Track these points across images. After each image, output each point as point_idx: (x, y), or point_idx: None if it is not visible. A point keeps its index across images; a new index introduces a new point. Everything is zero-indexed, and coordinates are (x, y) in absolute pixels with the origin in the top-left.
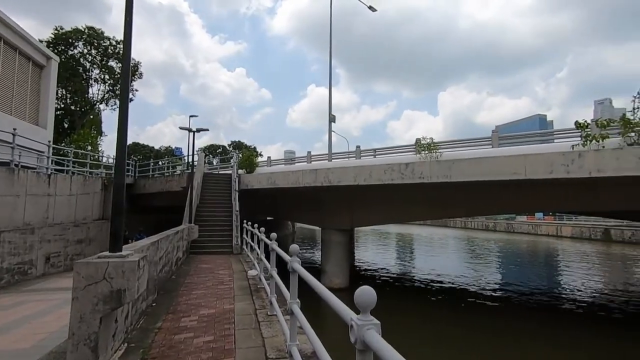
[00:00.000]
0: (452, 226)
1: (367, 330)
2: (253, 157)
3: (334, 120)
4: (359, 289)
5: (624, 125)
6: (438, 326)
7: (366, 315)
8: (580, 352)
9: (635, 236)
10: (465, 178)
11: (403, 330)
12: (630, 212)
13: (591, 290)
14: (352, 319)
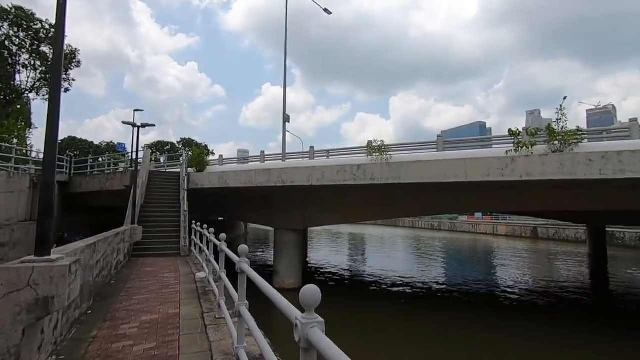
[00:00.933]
0: (401, 226)
1: (311, 329)
2: (204, 156)
3: (288, 120)
4: (304, 288)
5: (549, 134)
6: (389, 321)
7: (311, 313)
8: (511, 337)
9: (557, 234)
10: (413, 180)
11: (353, 327)
12: (554, 212)
13: (521, 282)
14: (297, 317)
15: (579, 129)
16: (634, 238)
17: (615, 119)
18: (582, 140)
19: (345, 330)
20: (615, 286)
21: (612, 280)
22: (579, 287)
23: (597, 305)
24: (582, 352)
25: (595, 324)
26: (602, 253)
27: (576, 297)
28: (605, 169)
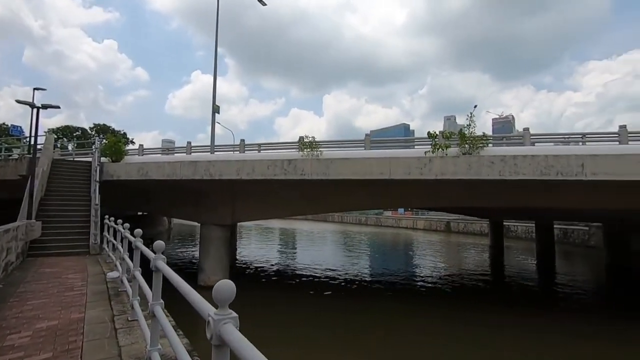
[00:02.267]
0: (330, 221)
1: (224, 325)
2: (121, 144)
3: (218, 110)
4: (217, 283)
5: (461, 138)
6: (318, 314)
7: (224, 309)
8: (429, 319)
9: (466, 227)
10: (341, 176)
11: (280, 321)
12: (463, 208)
13: (435, 270)
14: (210, 314)
15: (485, 135)
16: (524, 231)
17: (514, 127)
18: (487, 144)
19: (270, 324)
20: (508, 271)
21: (506, 266)
22: (480, 273)
23: (493, 286)
24: (480, 327)
25: (491, 302)
26: (500, 244)
27: (478, 281)
28: (504, 171)
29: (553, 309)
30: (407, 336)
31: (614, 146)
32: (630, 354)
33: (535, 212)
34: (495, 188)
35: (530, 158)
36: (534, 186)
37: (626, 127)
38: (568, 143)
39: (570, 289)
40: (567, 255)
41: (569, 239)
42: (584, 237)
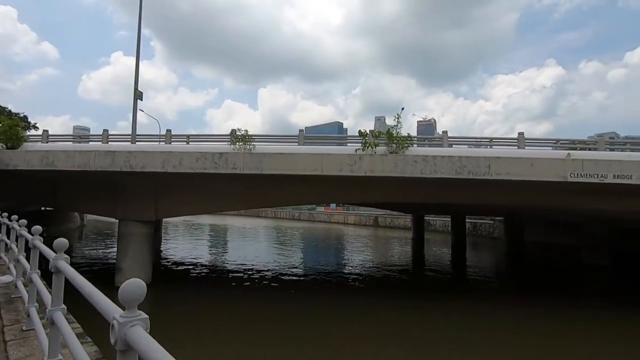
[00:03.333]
0: (263, 216)
1: (131, 328)
2: (18, 128)
3: (141, 97)
4: (124, 283)
5: (389, 138)
6: (248, 312)
7: (132, 311)
8: (357, 307)
9: (392, 222)
10: (274, 171)
11: (205, 320)
12: (389, 203)
13: (364, 262)
14: (115, 317)
15: (409, 136)
16: (442, 225)
17: (435, 130)
18: (412, 145)
19: (197, 323)
20: (427, 261)
21: (425, 256)
22: (403, 263)
23: (415, 273)
24: (403, 310)
25: (412, 288)
26: (421, 237)
27: (401, 271)
28: (425, 170)
29: (464, 289)
30: (340, 325)
31: (513, 150)
32: (524, 320)
33: (451, 208)
34: (417, 185)
35: (447, 158)
36: (450, 183)
37: (523, 134)
38: (479, 146)
39: (478, 273)
40: (476, 246)
41: (477, 231)
42: (490, 230)
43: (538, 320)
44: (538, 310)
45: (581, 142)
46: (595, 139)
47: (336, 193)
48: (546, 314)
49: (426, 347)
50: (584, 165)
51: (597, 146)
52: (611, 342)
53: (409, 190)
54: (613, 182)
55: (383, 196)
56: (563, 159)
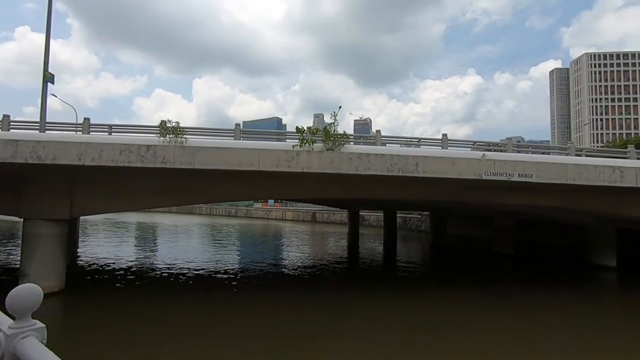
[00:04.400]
0: (197, 213)
1: (22, 340)
2: None
3: (51, 80)
4: (13, 290)
5: (325, 135)
6: (180, 314)
7: (24, 320)
8: (296, 301)
9: (330, 217)
10: (208, 166)
11: (131, 327)
12: (327, 199)
13: (302, 257)
14: (1, 328)
15: (345, 134)
16: (375, 219)
17: (371, 129)
18: (349, 142)
19: (111, 330)
20: (361, 254)
21: (360, 250)
22: (340, 257)
23: (350, 266)
24: (339, 301)
25: (348, 279)
26: (356, 231)
27: (338, 263)
28: (360, 166)
29: (394, 278)
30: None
31: (438, 150)
32: (446, 301)
33: (384, 203)
34: (353, 181)
35: (380, 156)
36: (383, 180)
37: (447, 136)
38: (409, 145)
39: (406, 264)
40: (406, 239)
41: (407, 225)
42: (418, 224)
43: (456, 301)
44: (454, 292)
45: (494, 144)
46: (505, 142)
47: (273, 189)
48: (461, 295)
49: (357, 334)
50: (496, 164)
51: (506, 148)
52: (516, 314)
53: (344, 186)
54: (518, 180)
55: (320, 192)
56: (479, 159)
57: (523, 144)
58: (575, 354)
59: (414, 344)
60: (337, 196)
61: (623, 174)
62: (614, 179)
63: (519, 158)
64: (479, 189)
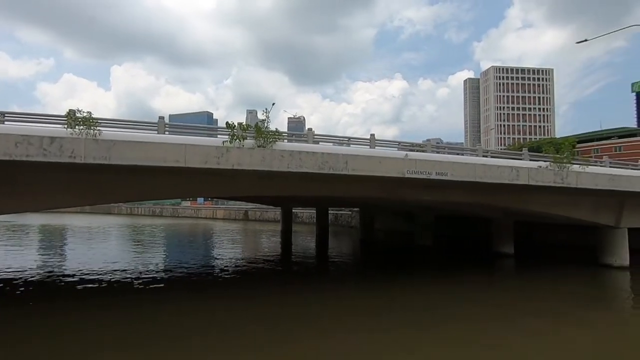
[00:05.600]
0: (116, 213)
1: None
2: None
3: None
4: None
5: (257, 132)
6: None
7: None
8: (229, 301)
9: (262, 215)
10: (127, 161)
11: (34, 344)
12: (259, 197)
13: (235, 256)
14: None
15: (277, 131)
16: (308, 216)
17: (304, 127)
18: (283, 140)
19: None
20: (294, 250)
21: (293, 247)
22: (273, 254)
23: (283, 263)
24: (271, 297)
25: (281, 275)
26: (289, 229)
27: (271, 260)
28: (291, 164)
29: (326, 272)
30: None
31: (366, 149)
32: (375, 291)
33: (316, 200)
34: (285, 178)
35: (311, 154)
36: (315, 178)
37: (374, 136)
38: (341, 144)
39: (338, 257)
40: (337, 234)
41: (338, 221)
42: (348, 220)
43: (381, 289)
44: (380, 282)
45: (417, 145)
46: (426, 143)
47: (202, 186)
48: (387, 283)
49: (289, 325)
50: (417, 164)
51: (425, 149)
52: (432, 294)
53: (276, 184)
54: (435, 178)
55: (251, 189)
56: (402, 158)
57: (441, 145)
58: (475, 320)
59: (338, 328)
60: (269, 193)
61: (519, 173)
62: (512, 177)
63: (436, 158)
64: (402, 186)
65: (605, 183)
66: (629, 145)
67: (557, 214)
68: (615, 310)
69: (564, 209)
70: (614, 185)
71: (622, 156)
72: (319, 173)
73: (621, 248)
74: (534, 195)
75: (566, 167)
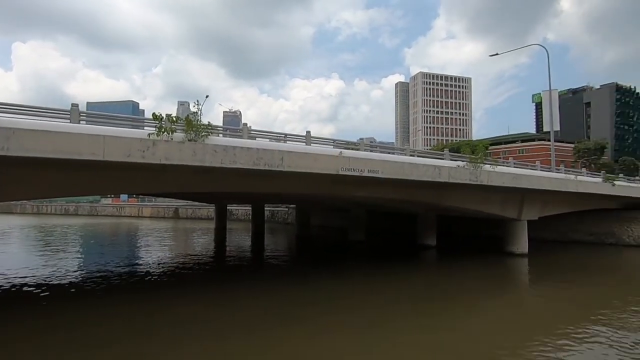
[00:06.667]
0: (19, 212)
1: None
2: None
3: None
4: None
5: (188, 125)
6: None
7: None
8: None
9: (195, 213)
10: (31, 153)
11: None
12: (191, 193)
13: (164, 258)
14: None
15: (210, 124)
16: (244, 214)
17: (241, 121)
18: (218, 134)
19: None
20: (229, 249)
21: (228, 245)
22: (205, 253)
23: (217, 262)
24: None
25: (215, 274)
26: (224, 226)
27: (204, 260)
28: (225, 159)
29: (260, 271)
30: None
31: (302, 146)
32: (312, 284)
33: (252, 197)
34: (218, 174)
35: (246, 150)
36: (250, 174)
37: (310, 133)
38: (278, 140)
39: (274, 253)
40: (273, 231)
41: (275, 218)
42: (285, 216)
43: (318, 283)
44: (316, 276)
45: (351, 143)
46: (359, 142)
47: (126, 182)
48: (321, 277)
49: (223, 332)
50: (351, 161)
51: (359, 147)
52: (362, 286)
53: (209, 180)
54: (368, 175)
55: (182, 186)
56: (337, 155)
57: (374, 144)
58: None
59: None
60: (202, 190)
61: (440, 171)
62: (435, 175)
63: (369, 156)
64: (337, 183)
65: (510, 181)
66: (530, 148)
67: (472, 209)
68: (512, 290)
69: (478, 204)
70: (517, 183)
71: (524, 158)
72: (254, 169)
73: (522, 237)
74: (453, 191)
75: (480, 167)
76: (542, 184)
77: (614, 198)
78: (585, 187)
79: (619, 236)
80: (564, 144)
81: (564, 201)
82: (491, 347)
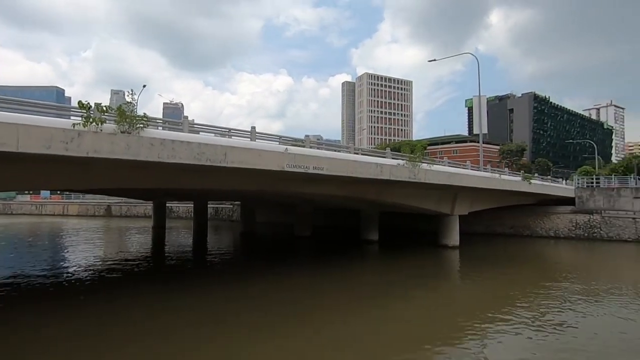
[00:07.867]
0: None
1: None
2: None
3: None
4: None
5: (120, 115)
6: None
7: None
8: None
9: (130, 211)
10: None
11: None
12: (124, 189)
13: (92, 260)
14: None
15: (146, 116)
16: (185, 211)
17: (183, 114)
18: (157, 127)
19: None
20: (168, 247)
21: (167, 244)
22: (143, 254)
23: (155, 263)
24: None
25: (153, 279)
26: (163, 224)
27: (140, 262)
28: (162, 154)
29: (202, 271)
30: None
31: (247, 142)
32: (260, 278)
33: (194, 193)
34: (156, 169)
35: (186, 144)
36: (191, 169)
37: (255, 128)
38: (223, 135)
39: (217, 251)
40: (217, 229)
41: (219, 215)
42: (230, 213)
43: (257, 279)
44: (257, 273)
45: (297, 140)
46: (306, 138)
47: (47, 177)
48: (268, 271)
49: (167, 334)
50: (296, 158)
51: (305, 144)
52: (305, 277)
53: (146, 175)
54: (313, 172)
55: (113, 182)
56: (282, 152)
57: (320, 142)
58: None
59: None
60: (138, 186)
61: (382, 169)
62: (377, 173)
63: (314, 153)
64: (282, 180)
65: (445, 179)
66: (462, 149)
67: (411, 205)
68: (444, 278)
69: (416, 201)
70: (451, 181)
71: (457, 158)
72: (195, 165)
73: (454, 231)
74: (394, 188)
75: (418, 165)
76: (473, 181)
77: (531, 195)
78: (508, 185)
79: (533, 228)
80: (491, 145)
81: (490, 198)
82: (422, 331)
